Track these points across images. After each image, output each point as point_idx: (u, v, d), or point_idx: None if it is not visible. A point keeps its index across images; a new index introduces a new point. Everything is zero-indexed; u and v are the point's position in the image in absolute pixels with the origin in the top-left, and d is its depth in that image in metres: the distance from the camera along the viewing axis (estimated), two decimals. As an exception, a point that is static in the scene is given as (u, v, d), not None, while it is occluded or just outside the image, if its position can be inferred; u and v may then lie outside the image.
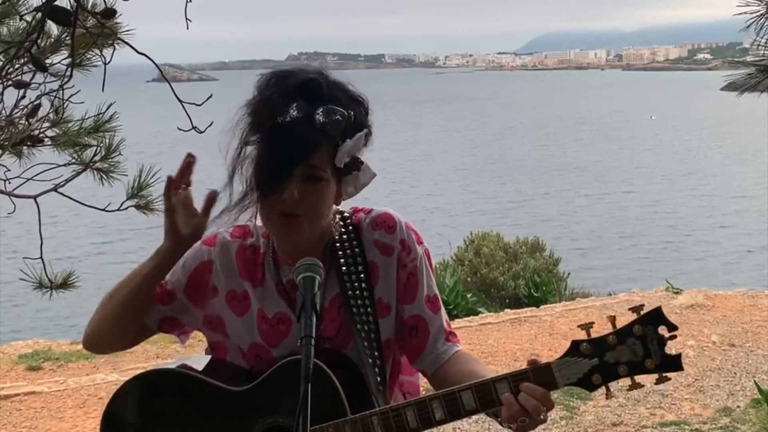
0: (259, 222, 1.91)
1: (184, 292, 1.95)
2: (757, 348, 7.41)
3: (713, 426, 5.86)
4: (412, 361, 1.97)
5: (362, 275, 1.89)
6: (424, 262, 1.95)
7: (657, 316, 1.67)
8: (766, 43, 2.85)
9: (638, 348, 1.68)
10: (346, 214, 1.95)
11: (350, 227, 1.93)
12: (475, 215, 29.48)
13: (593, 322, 1.72)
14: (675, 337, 1.68)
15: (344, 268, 1.88)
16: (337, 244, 1.90)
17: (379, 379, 1.86)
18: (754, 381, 6.40)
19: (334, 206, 1.91)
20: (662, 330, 1.67)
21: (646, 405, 6.09)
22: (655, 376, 1.70)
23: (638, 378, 1.72)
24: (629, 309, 1.69)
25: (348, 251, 1.90)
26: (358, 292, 1.88)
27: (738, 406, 6.17)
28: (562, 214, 30.74)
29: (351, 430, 1.75)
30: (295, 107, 1.78)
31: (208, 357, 1.99)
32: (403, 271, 1.92)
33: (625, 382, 1.73)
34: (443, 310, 1.97)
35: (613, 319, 1.71)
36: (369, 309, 1.88)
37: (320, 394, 1.65)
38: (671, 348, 1.67)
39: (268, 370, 1.83)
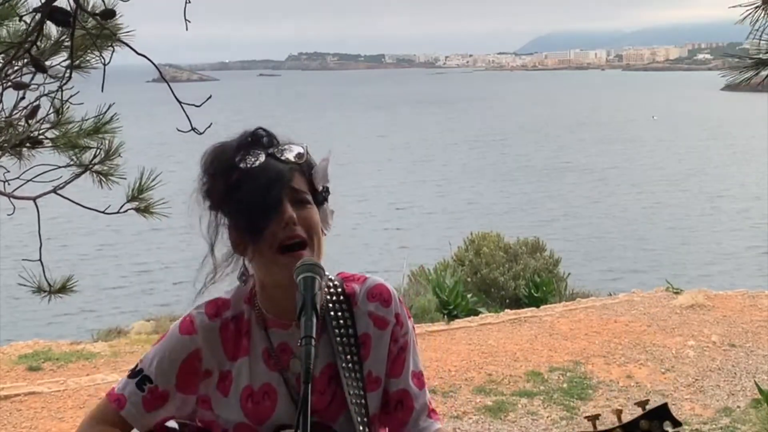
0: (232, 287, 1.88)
1: (176, 388, 1.87)
2: (757, 348, 7.41)
3: (713, 426, 5.86)
4: None
5: (353, 348, 1.86)
6: (413, 337, 1.94)
7: (662, 412, 1.76)
8: (761, 36, 2.85)
9: None
10: (336, 282, 1.91)
11: (341, 296, 1.89)
12: (476, 216, 29.48)
13: (599, 414, 1.79)
14: None
15: (338, 339, 1.85)
16: (331, 313, 1.87)
17: None
18: (755, 381, 6.40)
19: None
20: (667, 425, 1.72)
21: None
22: None
23: None
24: (635, 404, 1.76)
25: (341, 321, 1.87)
26: (350, 365, 1.84)
27: (738, 406, 6.17)
28: (563, 215, 30.74)
29: None
30: (254, 153, 1.77)
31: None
32: (395, 345, 1.90)
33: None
34: (426, 387, 1.96)
35: (619, 413, 1.77)
36: (360, 383, 1.85)
37: None
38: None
39: None
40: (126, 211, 3.05)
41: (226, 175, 1.76)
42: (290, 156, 1.79)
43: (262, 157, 1.76)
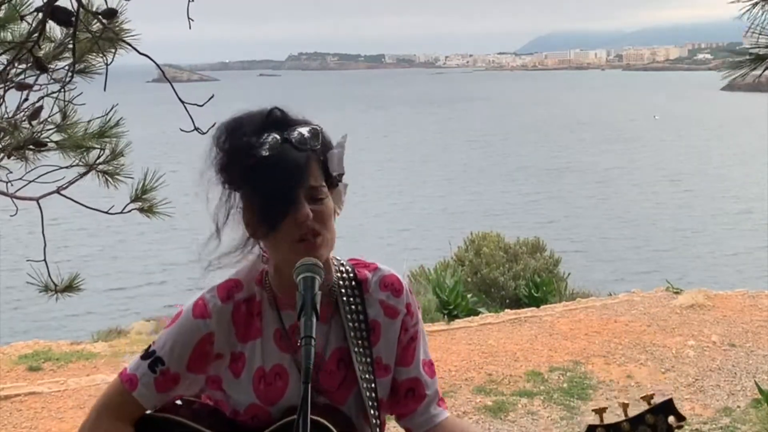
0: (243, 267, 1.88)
1: (187, 369, 1.89)
2: (757, 348, 7.42)
3: (713, 426, 5.87)
4: (401, 419, 1.99)
5: (364, 332, 1.89)
6: (421, 328, 1.98)
7: (668, 407, 1.76)
8: (760, 31, 2.85)
9: None
10: (347, 267, 1.94)
11: (353, 282, 1.92)
12: (477, 216, 29.47)
13: (606, 408, 1.80)
14: (682, 427, 1.76)
15: (349, 324, 1.88)
16: (344, 298, 1.89)
17: None
18: (755, 381, 6.40)
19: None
20: (672, 420, 1.75)
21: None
22: None
23: None
24: (641, 398, 1.77)
25: (352, 306, 1.89)
26: (361, 349, 1.87)
27: (738, 406, 6.18)
28: (565, 216, 30.73)
29: None
30: (269, 137, 1.76)
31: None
32: (405, 335, 1.94)
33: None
34: (437, 377, 2.00)
35: (625, 407, 1.79)
36: (370, 367, 1.88)
37: None
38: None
39: (265, 429, 1.83)
40: (129, 211, 3.06)
41: (242, 157, 1.76)
42: (307, 141, 1.78)
43: (279, 143, 1.75)
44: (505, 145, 55.13)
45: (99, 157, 3.01)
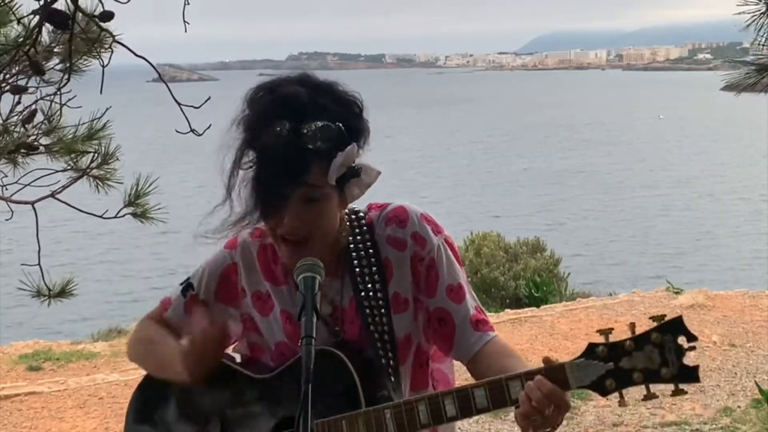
0: None
1: (216, 298, 1.96)
2: (757, 348, 7.41)
3: (714, 426, 5.86)
4: (447, 352, 1.97)
5: (376, 276, 1.88)
6: (443, 252, 1.92)
7: (677, 325, 1.62)
8: (766, 41, 2.84)
9: (655, 356, 1.62)
10: (361, 214, 1.94)
11: (364, 227, 1.92)
12: (480, 217, 29.43)
13: (612, 328, 1.67)
14: (694, 348, 1.61)
15: (358, 270, 1.89)
16: (351, 246, 1.90)
17: (393, 379, 1.88)
18: (755, 381, 6.40)
19: (344, 210, 1.91)
20: (681, 340, 1.61)
21: (646, 405, 6.08)
22: (671, 387, 1.62)
23: (654, 388, 1.66)
24: (650, 318, 1.64)
25: (362, 252, 1.90)
26: (371, 293, 1.88)
27: (738, 407, 6.17)
28: (568, 218, 30.67)
29: (364, 422, 1.75)
30: (279, 127, 1.74)
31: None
32: (421, 265, 1.90)
33: (641, 391, 1.68)
34: (469, 298, 1.92)
35: (632, 326, 1.66)
36: (383, 309, 1.88)
37: (338, 385, 1.73)
38: (690, 359, 1.64)
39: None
40: (123, 215, 3.05)
41: (253, 134, 1.78)
42: (315, 140, 1.75)
43: (285, 132, 1.74)
44: (510, 146, 54.99)
45: (92, 162, 3.01)
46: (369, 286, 1.88)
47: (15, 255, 17.91)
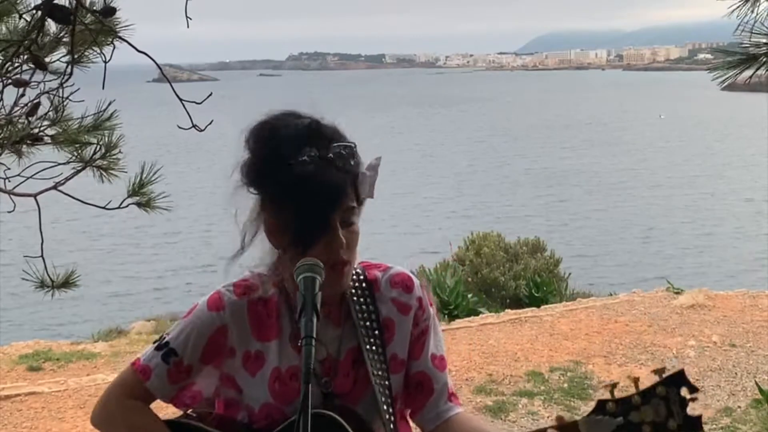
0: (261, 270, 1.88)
1: (201, 361, 1.90)
2: (757, 348, 7.41)
3: (714, 426, 5.86)
4: (413, 416, 1.99)
5: (377, 332, 1.89)
6: (434, 323, 1.97)
7: (679, 379, 1.71)
8: (750, 30, 2.84)
9: (662, 408, 1.70)
10: (358, 270, 1.94)
11: (364, 283, 1.92)
12: (481, 217, 29.44)
13: (617, 383, 1.76)
14: (696, 399, 1.70)
15: (361, 322, 1.89)
16: (354, 299, 1.90)
17: None
18: (755, 381, 6.40)
19: None
20: (684, 392, 1.70)
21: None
22: None
23: None
24: (652, 371, 1.73)
25: (363, 306, 1.90)
26: (374, 348, 1.88)
27: (739, 407, 6.17)
28: (570, 218, 30.67)
29: None
30: (306, 156, 1.72)
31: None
32: (416, 329, 1.94)
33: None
34: (448, 371, 1.99)
35: (636, 381, 1.75)
36: (384, 365, 1.88)
37: None
38: (693, 410, 1.71)
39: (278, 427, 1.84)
40: (127, 206, 3.04)
41: (280, 169, 1.73)
42: (344, 161, 1.75)
43: (316, 160, 1.72)
44: (511, 147, 54.99)
45: (95, 152, 3.00)
46: (371, 340, 1.88)
47: (15, 255, 17.92)
